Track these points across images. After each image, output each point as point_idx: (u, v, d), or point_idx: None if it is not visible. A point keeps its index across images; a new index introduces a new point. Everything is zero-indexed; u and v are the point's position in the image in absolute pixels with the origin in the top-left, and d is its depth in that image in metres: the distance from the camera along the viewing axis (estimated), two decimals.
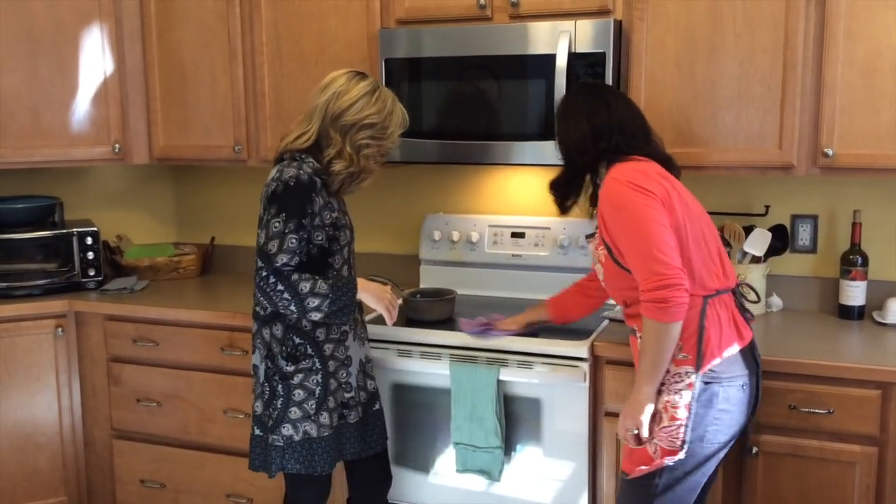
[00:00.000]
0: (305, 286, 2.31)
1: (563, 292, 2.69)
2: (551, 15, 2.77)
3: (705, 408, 2.12)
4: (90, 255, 3.39)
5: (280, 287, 2.30)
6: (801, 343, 2.58)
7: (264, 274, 2.31)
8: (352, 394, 2.50)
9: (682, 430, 2.10)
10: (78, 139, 3.32)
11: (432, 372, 2.71)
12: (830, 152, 2.55)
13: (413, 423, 2.78)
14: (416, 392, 2.76)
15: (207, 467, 3.14)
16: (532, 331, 2.66)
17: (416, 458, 2.80)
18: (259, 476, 3.04)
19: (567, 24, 2.68)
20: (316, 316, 2.34)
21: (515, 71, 2.77)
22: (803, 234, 2.97)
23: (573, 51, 2.67)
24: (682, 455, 2.11)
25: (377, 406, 2.61)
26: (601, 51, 2.64)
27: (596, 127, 2.25)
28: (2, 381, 3.18)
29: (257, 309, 2.47)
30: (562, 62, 2.66)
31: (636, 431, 2.16)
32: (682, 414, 2.11)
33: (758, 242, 2.86)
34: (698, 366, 2.11)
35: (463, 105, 2.84)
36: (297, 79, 3.15)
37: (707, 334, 2.12)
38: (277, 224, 2.30)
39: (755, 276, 2.88)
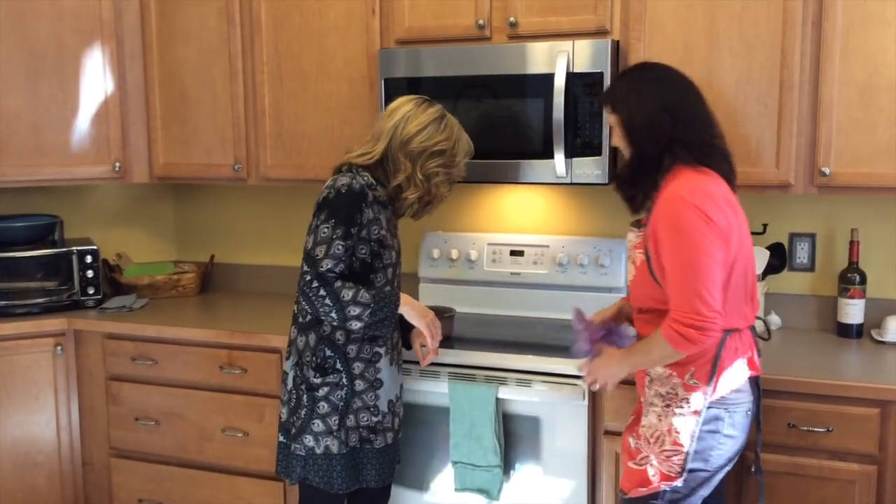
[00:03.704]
0: (348, 294, 2.31)
1: None
2: (550, 35, 2.78)
3: (711, 433, 2.10)
4: (90, 273, 3.39)
5: (322, 292, 2.30)
6: (800, 361, 2.58)
7: (308, 278, 2.31)
8: (379, 418, 2.47)
9: (684, 457, 2.09)
10: (79, 158, 3.33)
11: (431, 390, 2.71)
12: (828, 171, 2.56)
13: (411, 441, 2.77)
14: (415, 410, 2.75)
15: (205, 486, 3.13)
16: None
17: (414, 477, 2.79)
18: (257, 494, 3.03)
19: (565, 45, 2.70)
20: (356, 325, 2.34)
21: (514, 90, 2.79)
22: (801, 253, 2.97)
23: (571, 70, 2.69)
24: (679, 483, 2.10)
25: (401, 434, 2.61)
26: (599, 70, 2.66)
27: (668, 107, 2.07)
28: (0, 400, 3.17)
29: (298, 316, 2.47)
30: (560, 82, 2.68)
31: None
32: (685, 441, 2.09)
33: (756, 261, 2.86)
34: (707, 394, 2.09)
35: (462, 124, 2.84)
36: (297, 97, 3.16)
37: (721, 364, 2.08)
38: (326, 230, 2.32)
39: None
